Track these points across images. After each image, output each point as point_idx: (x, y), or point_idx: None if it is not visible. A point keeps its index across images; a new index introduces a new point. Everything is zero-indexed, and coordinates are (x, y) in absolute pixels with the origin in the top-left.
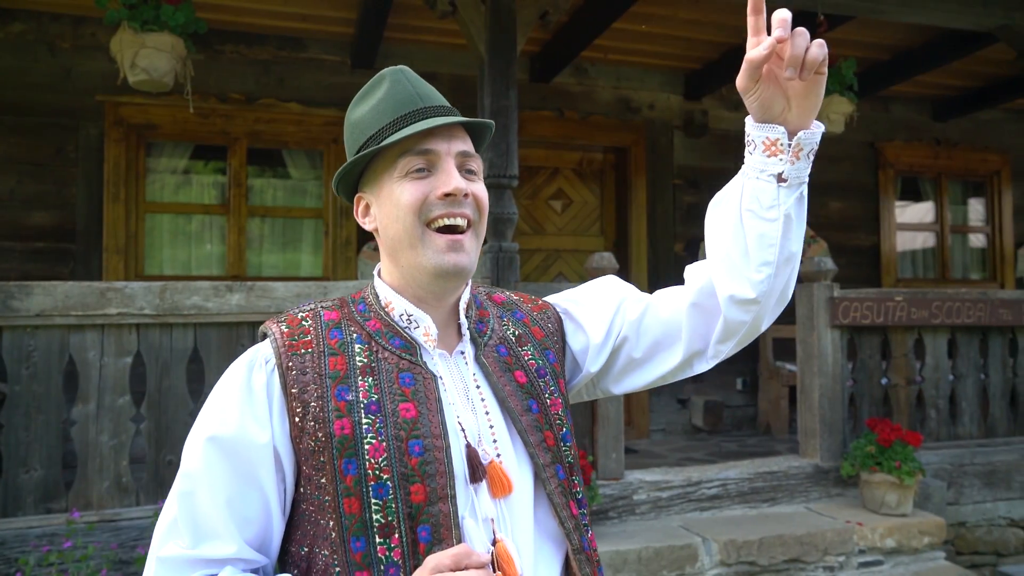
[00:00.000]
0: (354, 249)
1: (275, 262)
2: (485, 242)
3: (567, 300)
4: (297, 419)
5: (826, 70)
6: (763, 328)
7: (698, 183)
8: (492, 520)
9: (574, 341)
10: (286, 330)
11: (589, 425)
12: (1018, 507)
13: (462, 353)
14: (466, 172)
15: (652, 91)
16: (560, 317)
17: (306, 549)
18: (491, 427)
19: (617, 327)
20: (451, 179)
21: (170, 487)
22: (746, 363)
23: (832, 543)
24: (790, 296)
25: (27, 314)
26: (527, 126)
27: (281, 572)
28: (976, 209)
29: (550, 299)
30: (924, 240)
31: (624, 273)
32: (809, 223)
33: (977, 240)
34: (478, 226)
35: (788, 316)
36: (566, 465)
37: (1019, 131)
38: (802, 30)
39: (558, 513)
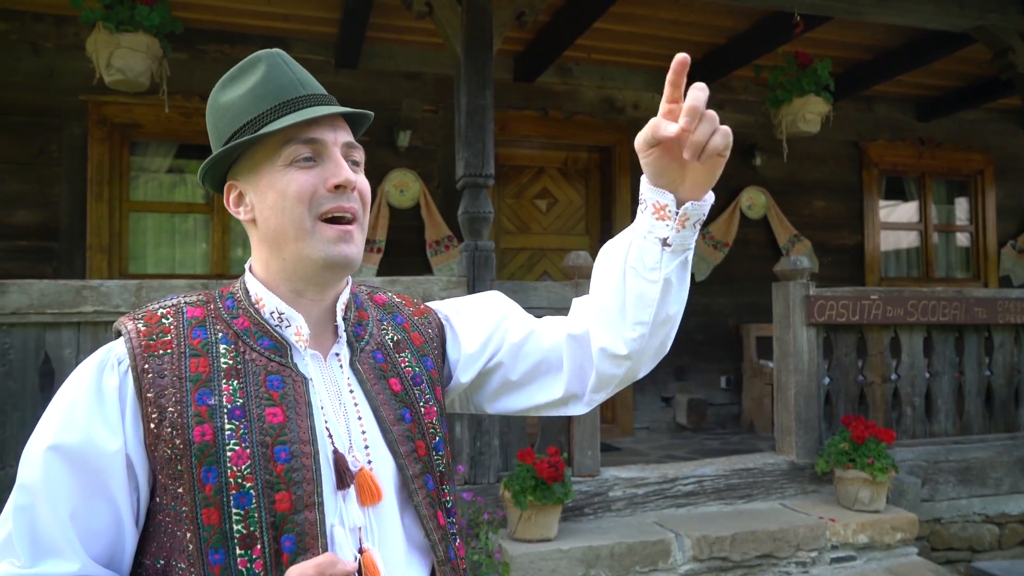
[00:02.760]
0: None
1: None
2: (461, 240)
3: (449, 308)
4: (152, 425)
5: (728, 154)
6: (639, 376)
7: None
8: (360, 529)
9: (451, 350)
10: (143, 328)
11: (566, 422)
12: (993, 504)
13: (337, 355)
14: (351, 163)
15: (636, 90)
16: (442, 324)
17: (162, 562)
18: (363, 433)
19: (494, 343)
20: (341, 170)
21: None
22: (730, 361)
23: (805, 539)
24: (666, 351)
25: (2, 312)
26: (511, 126)
27: None
28: (963, 208)
29: (432, 305)
30: (910, 239)
31: None
32: (793, 222)
33: (963, 239)
34: (362, 220)
35: (770, 314)
36: (436, 475)
37: (1002, 131)
38: (712, 114)
39: (424, 524)
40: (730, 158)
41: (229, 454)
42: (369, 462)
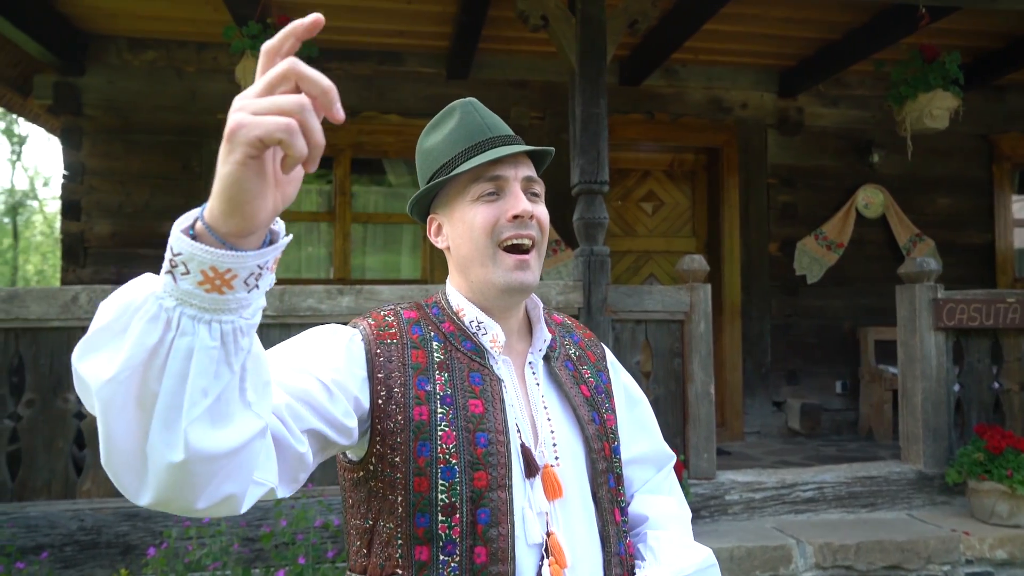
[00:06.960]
0: None
1: (376, 265)
2: (576, 246)
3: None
4: (380, 401)
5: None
6: None
7: (793, 182)
8: (547, 514)
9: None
10: (373, 323)
11: (681, 425)
12: None
13: (530, 363)
14: (530, 195)
15: (744, 90)
16: (606, 355)
17: (371, 522)
18: (552, 432)
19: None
20: (519, 202)
21: None
22: (846, 365)
23: (936, 551)
24: None
25: None
26: (617, 130)
27: (347, 542)
28: None
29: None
30: None
31: (717, 274)
32: (914, 220)
33: None
34: (540, 245)
35: (890, 317)
36: (615, 475)
37: None
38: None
39: (604, 517)
40: (845, 156)
41: (440, 434)
42: (556, 458)
